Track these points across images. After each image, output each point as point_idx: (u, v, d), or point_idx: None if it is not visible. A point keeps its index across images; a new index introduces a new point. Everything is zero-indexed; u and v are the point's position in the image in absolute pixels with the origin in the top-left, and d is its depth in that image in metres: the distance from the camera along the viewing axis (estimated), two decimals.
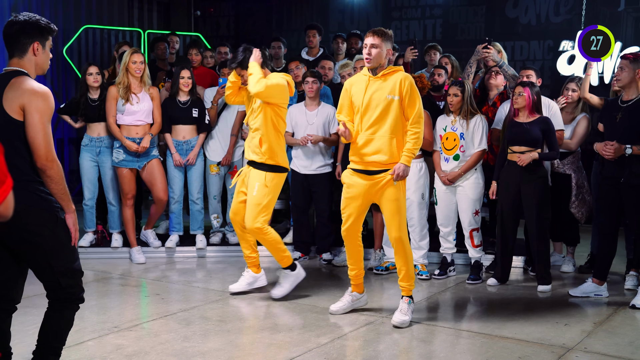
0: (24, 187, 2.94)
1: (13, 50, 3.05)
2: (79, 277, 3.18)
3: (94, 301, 5.09)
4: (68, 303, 3.18)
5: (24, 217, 2.90)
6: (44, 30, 3.08)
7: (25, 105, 2.92)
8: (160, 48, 7.57)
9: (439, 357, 3.99)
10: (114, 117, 6.05)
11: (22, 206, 2.86)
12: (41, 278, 3.11)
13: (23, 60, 3.05)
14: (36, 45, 3.05)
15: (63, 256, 3.08)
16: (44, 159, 2.94)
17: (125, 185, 6.16)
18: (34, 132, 2.93)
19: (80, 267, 3.20)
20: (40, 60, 3.09)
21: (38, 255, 3.02)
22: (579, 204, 5.78)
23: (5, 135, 2.92)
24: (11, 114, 2.92)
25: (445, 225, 5.78)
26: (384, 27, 4.56)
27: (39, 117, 2.93)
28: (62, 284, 3.09)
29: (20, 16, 3.05)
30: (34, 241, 3.00)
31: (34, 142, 2.93)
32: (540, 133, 5.26)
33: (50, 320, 3.18)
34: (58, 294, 3.13)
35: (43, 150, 2.94)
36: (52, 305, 3.17)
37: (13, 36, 3.03)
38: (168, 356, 3.91)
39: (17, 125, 2.93)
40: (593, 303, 5.07)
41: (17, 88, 2.93)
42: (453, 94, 5.55)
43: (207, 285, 5.54)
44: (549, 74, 8.18)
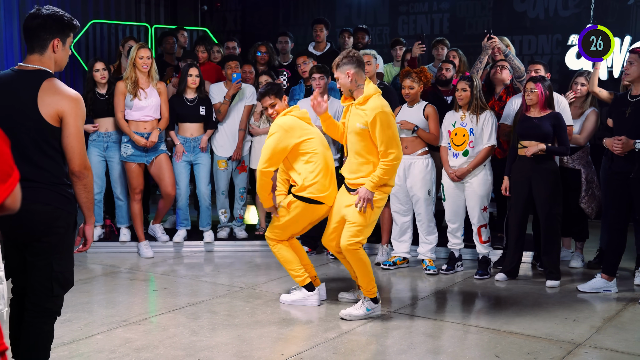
0: (54, 189, 2.92)
1: (33, 44, 2.93)
2: (68, 288, 3.08)
3: (103, 295, 5.11)
4: (47, 317, 3.05)
5: (50, 219, 2.91)
6: (65, 27, 2.98)
7: (63, 112, 2.87)
8: (169, 42, 7.57)
9: (447, 352, 3.98)
10: (122, 113, 6.05)
11: (51, 208, 2.90)
12: (37, 281, 2.98)
13: (44, 57, 2.94)
14: (56, 42, 2.95)
15: (65, 263, 3.03)
16: (82, 167, 2.93)
17: (134, 180, 6.17)
18: (72, 139, 2.89)
19: (72, 280, 3.10)
20: (59, 57, 2.99)
21: (47, 255, 2.96)
22: (588, 199, 5.76)
23: (36, 138, 2.88)
24: (48, 119, 2.86)
25: (453, 222, 5.77)
26: (391, 23, 4.57)
27: (76, 125, 2.90)
28: (54, 291, 3.00)
29: (44, 9, 2.93)
30: (52, 241, 2.95)
31: (72, 150, 2.90)
32: (551, 128, 5.23)
33: (33, 338, 3.03)
34: (43, 301, 3.00)
35: (81, 158, 2.92)
36: (32, 321, 3.01)
37: (34, 30, 2.92)
38: (176, 350, 3.92)
39: (51, 130, 2.88)
40: (602, 299, 5.05)
41: (53, 93, 2.87)
42: (461, 88, 5.53)
43: (215, 280, 5.55)
44: (557, 69, 8.14)
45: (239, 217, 6.74)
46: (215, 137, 6.55)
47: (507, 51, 5.88)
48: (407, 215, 5.88)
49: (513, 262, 5.56)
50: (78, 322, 4.35)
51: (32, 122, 2.87)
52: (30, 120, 2.87)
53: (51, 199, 2.90)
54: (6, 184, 1.47)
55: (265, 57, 7.11)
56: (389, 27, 9.48)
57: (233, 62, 6.47)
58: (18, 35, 8.14)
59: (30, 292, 3.01)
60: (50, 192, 2.90)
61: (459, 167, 5.61)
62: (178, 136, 6.33)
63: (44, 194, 2.89)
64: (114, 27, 9.66)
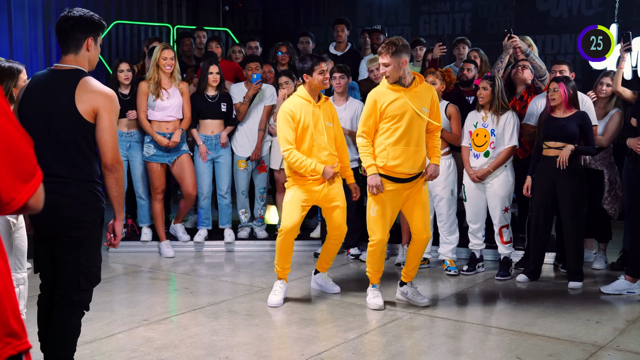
0: (84, 186, 3.01)
1: (68, 45, 3.05)
2: (95, 284, 3.17)
3: (124, 294, 5.15)
4: (75, 310, 3.13)
5: (79, 212, 3.00)
6: (97, 27, 3.11)
7: (98, 108, 2.96)
8: (186, 44, 7.61)
9: (468, 353, 3.96)
10: (145, 113, 6.10)
11: (80, 203, 3.00)
12: (64, 275, 3.09)
13: (79, 56, 3.06)
14: (90, 41, 3.07)
15: (93, 258, 3.12)
16: (114, 161, 3.01)
17: (156, 180, 6.22)
18: (106, 133, 2.98)
19: (100, 275, 3.20)
20: (92, 56, 3.12)
21: (75, 249, 3.06)
22: (611, 200, 5.69)
23: (73, 135, 2.98)
24: (84, 115, 2.96)
25: (474, 222, 5.73)
26: (412, 22, 4.59)
27: (110, 120, 2.99)
28: (81, 285, 3.09)
29: (75, 11, 3.06)
30: (79, 236, 3.04)
31: (105, 144, 2.99)
32: (578, 128, 5.18)
33: (60, 330, 3.13)
34: (71, 295, 3.09)
35: (113, 152, 3.01)
36: (60, 313, 3.11)
37: (68, 31, 3.04)
38: (197, 349, 3.94)
39: (87, 126, 2.98)
40: (625, 300, 4.99)
41: (90, 90, 2.97)
42: (483, 87, 5.49)
43: (235, 280, 5.57)
44: (580, 68, 8.04)
45: (259, 217, 6.76)
46: (235, 137, 6.58)
47: (528, 50, 5.83)
48: None
49: (535, 263, 5.51)
50: (100, 321, 4.40)
51: (70, 119, 2.97)
52: (67, 117, 2.97)
53: (80, 194, 3.00)
54: (29, 184, 1.49)
55: (286, 57, 7.12)
56: (410, 27, 9.44)
57: (254, 64, 6.49)
58: (42, 36, 8.25)
59: (59, 285, 3.12)
60: (80, 188, 3.00)
61: (479, 168, 5.57)
62: (199, 134, 6.36)
63: (73, 189, 2.99)
64: (137, 27, 9.75)
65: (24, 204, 1.48)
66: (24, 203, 1.48)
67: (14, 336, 1.50)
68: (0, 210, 1.47)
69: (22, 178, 1.47)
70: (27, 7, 8.12)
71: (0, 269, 1.50)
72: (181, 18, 10.67)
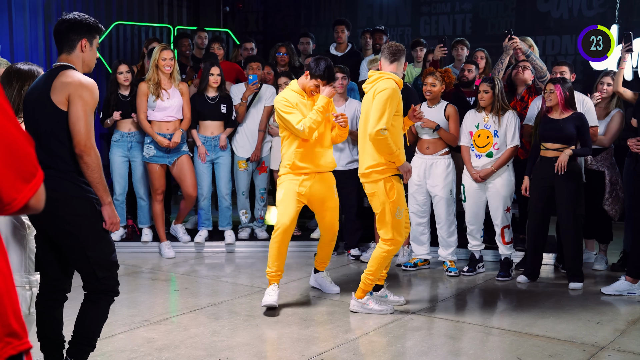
0: (65, 177, 3.03)
1: (62, 46, 3.15)
2: (114, 269, 3.23)
3: (125, 295, 5.14)
4: (103, 295, 3.22)
5: (63, 206, 3.01)
6: (91, 29, 3.18)
7: (70, 95, 3.00)
8: (184, 44, 7.62)
9: (468, 354, 3.95)
10: (144, 114, 6.10)
11: (62, 195, 3.02)
12: (78, 268, 3.19)
13: (71, 56, 3.14)
14: (84, 42, 3.15)
15: (99, 247, 3.15)
16: (82, 145, 3.01)
17: (156, 181, 6.22)
18: (75, 118, 3.01)
19: (117, 260, 3.26)
20: (87, 57, 3.19)
21: (76, 245, 3.11)
22: (612, 201, 5.69)
23: (51, 126, 3.03)
24: (58, 104, 3.01)
25: (473, 223, 5.73)
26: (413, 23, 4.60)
27: (81, 106, 3.01)
28: (98, 275, 3.15)
29: (70, 15, 3.17)
30: (72, 231, 3.08)
31: (74, 129, 3.01)
32: (575, 129, 5.18)
33: (86, 311, 3.23)
34: (94, 284, 3.19)
35: (82, 137, 3.01)
36: (88, 297, 3.22)
37: (63, 33, 3.14)
38: (197, 350, 3.94)
39: (62, 115, 3.02)
40: (626, 301, 4.99)
41: (64, 80, 3.03)
42: (483, 90, 5.50)
43: (236, 280, 5.57)
44: (581, 69, 8.04)
45: (260, 217, 6.75)
46: (235, 138, 6.58)
47: (528, 51, 5.83)
48: (424, 217, 5.85)
49: (534, 264, 5.51)
50: None
51: (46, 109, 3.02)
52: (45, 108, 3.03)
53: (63, 186, 3.02)
54: (30, 184, 1.49)
55: (286, 58, 7.12)
56: (410, 28, 9.44)
57: (255, 64, 6.49)
58: (43, 37, 8.24)
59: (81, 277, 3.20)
60: (61, 180, 3.02)
61: (482, 168, 5.57)
62: (199, 135, 6.36)
63: (55, 182, 2.99)
64: (137, 28, 9.74)
65: (25, 204, 1.48)
66: (25, 203, 1.48)
67: (15, 336, 1.50)
68: (1, 210, 1.47)
69: (23, 178, 1.47)
70: (28, 8, 8.12)
71: (1, 268, 1.50)
72: (182, 19, 10.67)
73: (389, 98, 4.36)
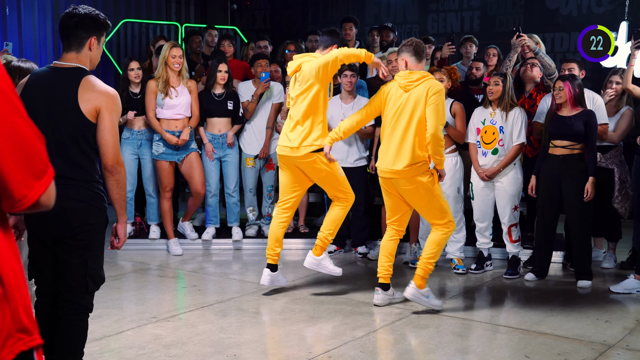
0: (87, 187, 2.96)
1: (70, 42, 2.99)
2: (100, 285, 3.12)
3: (133, 292, 5.17)
4: (82, 313, 3.08)
5: (85, 215, 2.94)
6: (101, 26, 3.02)
7: (101, 108, 2.92)
8: (195, 42, 7.62)
9: (476, 352, 3.95)
10: (153, 111, 6.10)
11: (84, 205, 2.95)
12: (72, 278, 3.01)
13: (80, 55, 3.00)
14: (93, 40, 3.00)
15: (97, 259, 3.07)
16: (115, 162, 2.96)
17: (164, 179, 6.23)
18: (108, 134, 2.94)
19: (104, 275, 3.15)
20: (94, 55, 3.06)
21: (82, 253, 3.00)
22: (622, 199, 5.66)
23: (75, 134, 2.93)
24: (87, 115, 2.91)
25: (482, 221, 5.72)
26: (421, 20, 4.62)
27: (112, 120, 2.95)
28: (89, 288, 3.04)
29: (80, 9, 2.99)
30: (86, 239, 2.98)
31: (106, 144, 2.94)
32: (583, 127, 5.16)
33: (68, 335, 3.07)
34: (79, 300, 3.04)
35: (114, 153, 2.96)
36: (68, 318, 3.05)
37: (72, 28, 2.97)
38: (205, 347, 3.95)
39: (89, 126, 2.93)
40: (635, 300, 4.96)
41: (92, 89, 2.93)
42: (494, 82, 5.48)
43: (243, 277, 5.58)
44: (590, 66, 7.99)
45: (267, 215, 6.76)
46: (243, 135, 6.59)
47: (537, 49, 5.81)
48: None
49: (542, 262, 5.49)
50: (109, 318, 4.41)
51: (72, 118, 2.92)
52: (70, 117, 2.92)
53: (84, 195, 2.94)
54: (41, 181, 1.49)
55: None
56: (418, 25, 9.42)
57: (263, 61, 6.49)
58: (52, 34, 8.28)
59: (64, 289, 3.03)
60: (83, 189, 2.94)
61: (489, 166, 5.56)
62: (206, 133, 6.37)
63: (77, 191, 2.93)
64: (145, 26, 9.77)
65: (35, 200, 1.48)
66: (36, 200, 1.48)
67: (26, 332, 1.51)
68: (12, 207, 1.48)
69: (34, 175, 1.47)
70: (37, 6, 8.15)
71: (13, 265, 1.51)
72: (189, 16, 10.68)
73: (443, 99, 4.61)
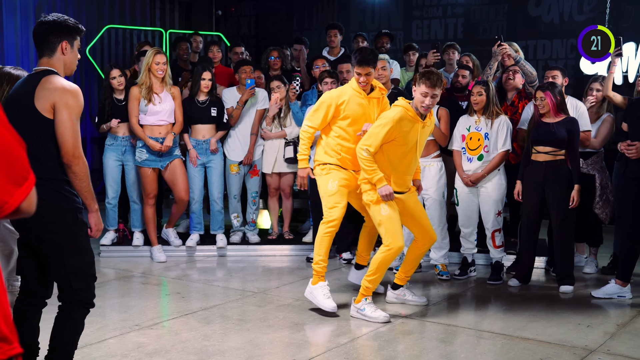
0: (50, 185, 2.97)
1: (43, 49, 3.07)
2: (91, 281, 3.16)
3: (116, 299, 5.13)
4: (77, 307, 3.14)
5: (46, 214, 2.93)
6: (72, 30, 3.10)
7: (55, 103, 2.95)
8: (182, 48, 7.61)
9: (459, 357, 3.96)
10: (136, 118, 6.08)
11: (46, 203, 2.92)
12: (55, 277, 3.13)
13: (52, 59, 3.07)
14: (65, 44, 3.07)
15: (78, 258, 3.08)
16: (70, 155, 2.97)
17: (148, 185, 6.20)
18: (63, 128, 2.96)
19: (94, 273, 3.19)
20: (69, 59, 3.11)
21: (54, 252, 3.04)
22: (603, 204, 5.72)
23: (37, 134, 2.96)
24: (43, 112, 2.95)
25: (467, 226, 5.75)
26: (405, 27, 4.59)
27: (67, 114, 2.96)
28: (73, 285, 3.08)
29: (49, 16, 3.08)
30: (52, 239, 3.02)
31: (62, 138, 2.96)
32: (566, 133, 5.21)
33: (60, 324, 3.16)
34: (68, 295, 3.11)
35: (70, 146, 2.97)
36: (62, 309, 3.15)
37: (42, 35, 3.06)
38: (188, 354, 3.93)
39: (48, 123, 2.96)
40: (616, 305, 5.01)
41: (48, 86, 2.96)
42: (477, 92, 5.52)
43: (227, 284, 5.56)
44: (571, 73, 8.08)
45: (252, 221, 6.75)
46: (227, 141, 6.58)
47: (517, 57, 5.86)
48: None
49: (526, 268, 5.53)
50: (91, 326, 4.36)
51: (32, 118, 2.96)
52: (30, 116, 2.96)
53: (47, 195, 2.94)
54: (22, 187, 1.49)
55: (278, 61, 7.13)
56: (402, 32, 9.47)
57: (247, 67, 6.50)
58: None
59: (57, 286, 3.14)
60: (46, 188, 2.95)
61: (473, 172, 5.59)
62: (190, 139, 6.36)
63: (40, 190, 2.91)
64: (129, 32, 9.74)
65: (16, 207, 1.48)
66: (17, 207, 1.48)
67: (5, 341, 1.50)
68: None
69: (15, 181, 1.47)
70: (19, 10, 8.11)
71: None
72: (174, 22, 10.67)
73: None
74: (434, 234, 4.85)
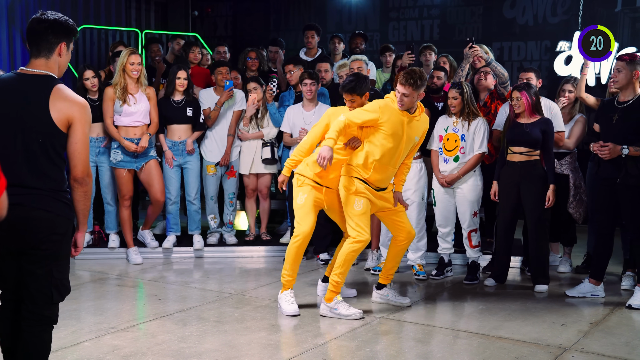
0: (55, 197, 2.91)
1: (40, 49, 2.92)
2: (65, 295, 3.05)
3: (91, 302, 5.09)
4: (47, 325, 3.01)
5: (52, 225, 2.89)
6: (70, 32, 2.99)
7: (73, 118, 2.87)
8: (153, 50, 7.58)
9: (436, 357, 3.99)
10: (111, 119, 6.03)
11: (52, 215, 2.89)
12: (36, 288, 2.94)
13: (50, 61, 2.94)
14: (62, 46, 2.96)
15: (63, 269, 3.01)
16: (85, 174, 2.93)
17: (123, 187, 6.15)
18: (80, 145, 2.90)
19: (69, 286, 3.08)
20: (63, 62, 3.00)
21: (46, 262, 2.93)
22: (576, 204, 5.79)
23: (44, 143, 2.87)
24: (58, 124, 2.86)
25: (444, 226, 5.78)
26: (382, 28, 4.62)
27: (84, 132, 2.90)
28: (54, 298, 2.97)
29: (49, 14, 2.93)
30: (50, 248, 2.92)
31: (78, 156, 2.90)
32: (540, 134, 5.27)
33: (31, 347, 2.97)
34: (43, 311, 2.97)
35: (85, 165, 2.92)
36: (31, 330, 2.97)
37: (41, 34, 2.91)
38: (165, 357, 3.90)
39: (59, 135, 2.88)
40: (590, 303, 5.07)
41: (65, 99, 2.87)
42: (452, 97, 5.56)
43: (204, 286, 5.54)
44: (545, 74, 8.18)
45: (229, 222, 6.73)
46: (204, 142, 6.55)
47: (489, 58, 5.91)
48: None
49: (502, 267, 5.58)
50: (65, 329, 4.33)
51: (43, 127, 2.86)
52: (41, 125, 2.86)
53: (53, 206, 2.89)
54: None
55: (256, 62, 7.12)
56: (379, 33, 9.52)
57: (223, 68, 6.47)
58: (7, 40, 8.10)
59: (28, 300, 2.96)
60: (52, 199, 2.90)
61: (449, 173, 5.63)
62: (166, 140, 6.32)
63: (46, 201, 2.89)
64: (104, 32, 9.64)
65: None
66: None
67: None
68: None
69: None
70: None
71: None
72: (150, 23, 10.59)
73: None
74: (412, 229, 4.89)
